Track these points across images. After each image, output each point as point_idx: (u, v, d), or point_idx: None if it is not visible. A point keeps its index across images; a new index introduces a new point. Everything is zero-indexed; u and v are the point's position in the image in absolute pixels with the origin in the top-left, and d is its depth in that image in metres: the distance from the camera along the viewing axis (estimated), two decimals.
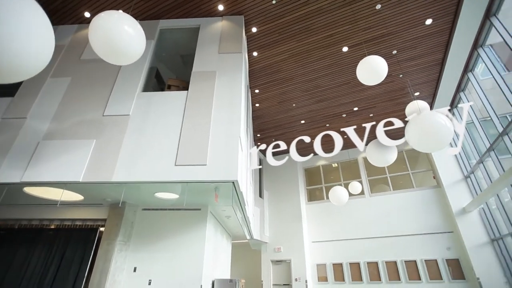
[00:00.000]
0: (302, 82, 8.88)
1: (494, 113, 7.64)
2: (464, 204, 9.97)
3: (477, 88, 8.17)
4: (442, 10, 6.67)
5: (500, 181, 7.28)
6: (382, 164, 5.95)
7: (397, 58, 7.96)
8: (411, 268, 10.24)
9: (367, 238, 11.31)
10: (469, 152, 10.02)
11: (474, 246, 9.37)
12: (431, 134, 4.06)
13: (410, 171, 11.95)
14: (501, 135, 7.32)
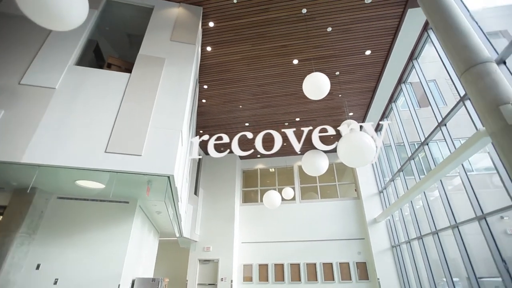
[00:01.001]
0: (251, 85, 9.04)
1: (406, 140, 9.01)
2: (376, 215, 11.48)
3: (397, 117, 9.53)
4: (379, 45, 7.60)
5: (403, 198, 8.60)
6: (315, 173, 6.44)
7: (339, 79, 8.76)
8: (327, 269, 11.30)
9: (293, 241, 12.06)
10: (384, 170, 11.58)
11: (378, 251, 10.86)
12: (357, 152, 4.59)
13: (337, 183, 13.21)
14: (409, 159, 8.68)
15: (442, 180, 7.11)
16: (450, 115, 6.43)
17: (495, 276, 5.60)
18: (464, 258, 6.29)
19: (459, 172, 6.31)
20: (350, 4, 6.44)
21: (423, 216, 8.30)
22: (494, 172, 5.69)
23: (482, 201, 5.79)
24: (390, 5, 6.48)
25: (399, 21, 6.88)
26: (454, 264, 7.46)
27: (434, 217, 7.76)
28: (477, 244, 6.61)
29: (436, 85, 10.25)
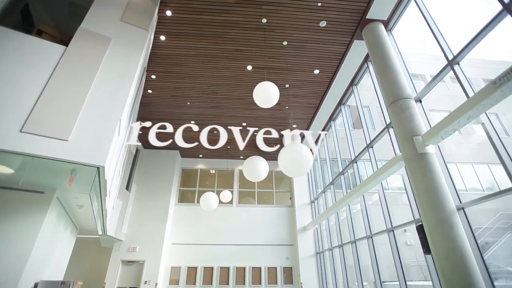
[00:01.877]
0: (202, 83, 8.87)
1: (339, 156, 9.92)
2: (305, 223, 12.28)
3: (334, 134, 10.44)
4: (327, 67, 8.26)
5: (331, 209, 9.40)
6: (254, 179, 6.60)
7: (288, 92, 9.21)
8: (256, 273, 11.58)
9: (226, 245, 12.06)
10: (318, 182, 12.50)
11: (304, 257, 11.61)
12: (296, 163, 4.87)
13: (274, 190, 13.74)
14: (340, 174, 9.57)
15: (365, 195, 8.00)
16: (377, 139, 7.33)
17: (394, 280, 6.52)
18: (373, 264, 7.15)
19: (378, 190, 7.19)
20: (307, 24, 6.88)
21: (345, 226, 9.19)
22: (403, 192, 6.67)
23: (392, 215, 6.70)
24: (341, 33, 7.13)
25: (346, 48, 7.61)
26: (366, 269, 8.43)
27: (355, 227, 8.67)
28: (384, 253, 7.60)
29: (369, 111, 11.57)
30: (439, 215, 4.30)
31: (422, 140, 4.89)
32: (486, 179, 11.27)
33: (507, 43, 4.63)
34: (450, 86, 11.37)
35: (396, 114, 5.45)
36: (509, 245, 9.08)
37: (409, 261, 10.07)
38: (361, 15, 6.64)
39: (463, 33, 4.87)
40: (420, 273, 9.84)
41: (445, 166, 5.05)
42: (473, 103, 3.95)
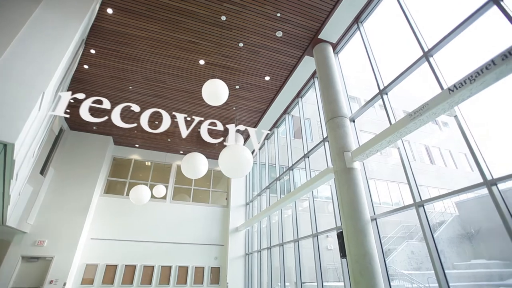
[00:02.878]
0: (148, 69, 8.30)
1: (278, 162, 10.38)
2: (238, 225, 12.44)
3: (276, 141, 10.88)
4: (277, 76, 8.59)
5: (265, 212, 9.74)
6: (193, 176, 6.44)
7: (237, 93, 9.27)
8: (182, 273, 11.22)
9: (153, 242, 11.40)
10: (255, 185, 12.83)
11: (233, 258, 11.73)
12: (237, 164, 4.93)
13: (211, 189, 13.60)
14: (276, 179, 10.01)
15: (297, 201, 8.51)
16: (314, 150, 7.90)
17: (313, 281, 7.10)
18: (297, 266, 7.64)
19: (309, 197, 7.75)
20: (265, 31, 7.05)
21: (276, 229, 9.63)
22: (330, 201, 7.34)
23: (318, 222, 7.29)
24: (294, 46, 7.52)
25: (297, 62, 8.04)
26: (290, 271, 8.96)
27: (284, 231, 9.14)
28: (307, 256, 8.21)
29: (309, 123, 12.42)
30: (357, 224, 4.85)
31: (351, 156, 5.46)
32: (395, 195, 13.15)
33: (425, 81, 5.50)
34: (378, 112, 13.01)
35: (333, 130, 5.97)
36: (405, 252, 10.75)
37: (327, 264, 11.10)
38: (314, 34, 7.12)
39: (394, 68, 5.64)
40: (335, 275, 10.92)
41: (366, 181, 5.73)
42: (393, 129, 4.59)
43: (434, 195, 4.33)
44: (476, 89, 3.56)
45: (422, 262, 10.37)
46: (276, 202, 8.90)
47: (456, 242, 11.37)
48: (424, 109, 4.10)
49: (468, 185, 3.84)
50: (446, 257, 10.58)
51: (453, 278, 8.60)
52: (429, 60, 4.67)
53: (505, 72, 3.29)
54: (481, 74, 3.40)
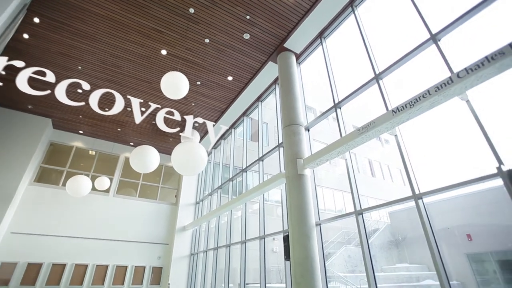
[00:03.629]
0: (104, 51, 7.65)
1: (232, 163, 10.38)
2: (186, 223, 12.10)
3: (232, 141, 10.87)
4: (240, 77, 8.62)
5: (215, 212, 9.65)
6: (142, 170, 6.10)
7: (198, 89, 9.06)
8: (119, 272, 10.47)
9: (91, 239, 10.47)
10: (207, 184, 12.63)
11: (178, 257, 11.35)
12: (191, 162, 4.81)
13: (161, 185, 13.01)
14: (229, 180, 10.00)
15: (248, 203, 8.59)
16: (268, 154, 8.08)
17: (256, 282, 7.23)
18: (242, 268, 7.69)
19: (260, 200, 7.89)
20: (232, 31, 7.03)
21: (224, 230, 9.58)
22: (279, 205, 7.59)
23: (267, 225, 7.45)
24: (260, 51, 7.62)
25: (261, 66, 8.17)
26: (234, 272, 8.98)
27: (232, 232, 9.14)
28: (253, 257, 8.33)
29: (267, 127, 12.68)
30: (303, 228, 5.08)
31: (303, 163, 5.72)
32: (339, 203, 14.11)
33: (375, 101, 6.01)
34: (331, 124, 13.82)
35: (288, 136, 6.19)
36: (343, 256, 11.58)
37: (272, 266, 11.39)
38: (280, 42, 7.32)
39: (349, 84, 6.08)
40: (278, 277, 11.27)
41: (315, 188, 6.05)
42: (343, 142, 4.94)
43: (372, 204, 4.76)
44: (413, 113, 4.02)
45: (357, 265, 11.29)
46: (227, 203, 8.87)
47: (385, 247, 12.64)
48: (370, 126, 4.49)
49: (400, 197, 4.30)
50: (377, 261, 11.70)
51: (381, 280, 9.54)
52: (378, 82, 5.15)
53: (437, 101, 3.78)
54: (419, 101, 3.86)
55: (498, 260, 8.83)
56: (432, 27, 4.51)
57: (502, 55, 3.16)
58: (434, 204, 9.54)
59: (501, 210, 8.56)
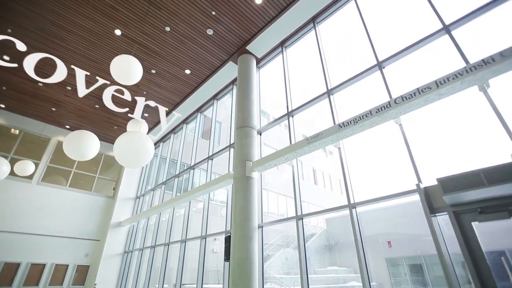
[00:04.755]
0: (44, 18, 6.72)
1: (180, 159, 10.03)
2: (123, 219, 11.25)
3: (182, 136, 10.51)
4: (199, 72, 8.39)
5: (156, 208, 9.18)
6: (77, 157, 5.50)
7: (151, 78, 8.56)
8: (35, 272, 9.20)
9: (2, 232, 9.00)
10: (151, 178, 11.96)
11: (109, 255, 10.46)
12: (136, 154, 4.50)
13: (98, 175, 11.90)
14: (175, 176, 9.63)
15: (192, 201, 8.38)
16: (219, 154, 8.02)
17: (193, 283, 7.07)
18: (179, 267, 7.44)
19: (205, 199, 7.76)
20: (196, 24, 6.81)
21: (164, 228, 9.16)
22: (224, 205, 7.57)
23: (209, 224, 7.36)
24: (221, 49, 7.54)
25: (221, 64, 8.09)
26: (171, 272, 8.63)
27: (173, 230, 8.80)
28: (192, 257, 8.14)
29: (220, 127, 12.58)
30: (245, 229, 5.15)
31: (252, 165, 5.81)
32: (282, 207, 14.67)
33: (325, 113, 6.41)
34: (282, 131, 14.33)
35: (240, 138, 6.24)
36: (281, 258, 12.04)
37: (210, 266, 11.26)
38: (243, 44, 7.36)
39: (303, 95, 6.40)
40: (216, 277, 11.19)
41: (261, 191, 6.19)
42: (292, 149, 5.16)
43: (312, 210, 5.07)
44: (357, 129, 4.41)
45: (292, 267, 11.84)
46: (171, 200, 8.53)
47: (320, 251, 13.54)
48: (318, 137, 4.79)
49: (337, 205, 4.67)
50: (311, 263, 12.46)
51: (313, 282, 10.15)
52: (329, 97, 5.53)
53: (377, 121, 4.21)
54: (362, 120, 4.26)
55: (409, 264, 10.21)
56: (379, 54, 5.02)
57: (429, 90, 3.68)
58: (364, 213, 10.58)
59: (416, 222, 9.89)
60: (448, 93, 3.66)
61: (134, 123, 6.49)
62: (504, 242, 4.58)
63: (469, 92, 3.63)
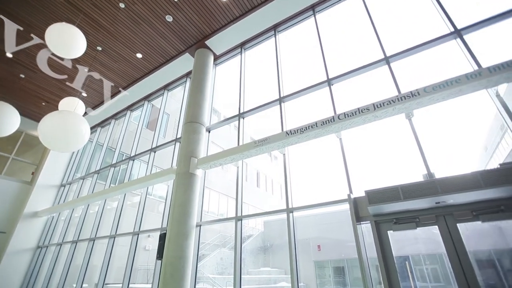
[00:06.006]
0: None
1: (119, 148, 9.26)
2: (40, 209, 9.84)
3: (125, 124, 9.72)
4: (151, 58, 7.88)
5: (84, 199, 8.27)
6: None
7: (96, 55, 7.74)
8: None
9: None
10: (81, 165, 10.75)
11: (15, 251, 9.01)
12: (66, 136, 4.01)
13: (13, 156, 10.24)
14: (111, 166, 8.85)
15: (127, 194, 7.78)
16: (163, 147, 7.64)
17: (118, 282, 6.54)
18: (104, 265, 6.82)
19: (142, 193, 7.30)
20: (155, 7, 6.39)
21: (91, 221, 8.30)
22: (163, 201, 7.23)
23: (144, 220, 6.93)
24: (179, 38, 7.22)
25: (177, 54, 7.74)
26: (93, 270, 7.83)
27: (101, 224, 8.02)
28: (120, 254, 7.54)
29: (168, 119, 12.02)
30: (182, 227, 4.99)
31: (196, 162, 5.67)
32: (222, 207, 14.63)
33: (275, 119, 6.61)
34: (231, 131, 14.36)
35: (188, 133, 6.05)
36: (216, 258, 11.98)
37: (140, 265, 10.57)
38: (203, 37, 7.18)
39: (255, 98, 6.51)
40: (145, 277, 10.55)
41: (203, 189, 6.08)
42: (239, 150, 5.21)
43: (252, 212, 5.17)
44: (302, 139, 4.67)
45: (227, 267, 11.87)
46: (104, 191, 7.80)
47: (255, 252, 13.87)
48: (265, 141, 4.93)
49: (277, 209, 4.86)
50: (246, 264, 12.66)
51: (245, 282, 10.34)
52: (281, 104, 5.74)
53: (320, 133, 4.52)
54: (307, 130, 4.53)
55: (333, 266, 11.18)
56: (330, 72, 5.42)
57: (367, 110, 4.11)
58: (300, 218, 11.25)
59: (343, 228, 10.88)
60: (382, 116, 4.13)
61: (68, 102, 5.76)
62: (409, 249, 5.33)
63: (399, 118, 4.16)
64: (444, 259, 3.34)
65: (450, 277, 3.27)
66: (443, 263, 5.07)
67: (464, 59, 4.19)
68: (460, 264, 3.09)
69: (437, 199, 3.21)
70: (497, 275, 3.32)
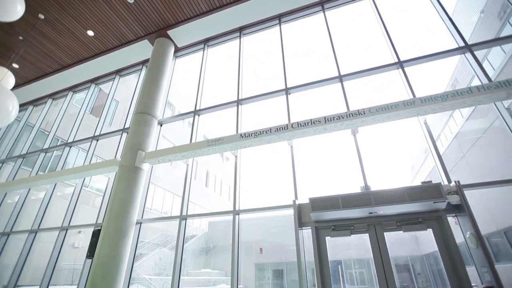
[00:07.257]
0: None
1: (55, 132, 8.26)
2: None
3: (64, 106, 8.71)
4: (104, 38, 7.23)
5: (1, 186, 7.15)
6: None
7: (37, 23, 6.82)
8: None
9: None
10: (3, 149, 9.29)
11: None
12: None
13: None
14: (42, 151, 7.84)
15: (58, 184, 6.97)
16: (107, 136, 7.05)
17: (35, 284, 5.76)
18: (19, 264, 5.96)
19: (77, 184, 6.61)
20: None
21: (8, 213, 7.20)
22: (101, 195, 6.64)
23: (77, 214, 6.27)
24: (139, 23, 6.77)
25: (134, 40, 7.24)
26: (4, 270, 6.77)
27: (21, 217, 7.02)
28: (42, 252, 6.67)
29: (116, 106, 11.13)
30: (120, 224, 4.64)
31: (144, 156, 5.36)
32: (167, 205, 14.02)
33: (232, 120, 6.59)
34: (185, 127, 13.92)
35: (137, 124, 5.69)
36: (154, 258, 11.38)
37: (66, 264, 9.46)
38: (165, 26, 6.85)
39: (214, 97, 6.43)
40: (70, 277, 9.49)
41: (148, 185, 5.76)
42: (191, 148, 5.07)
43: (198, 211, 5.06)
44: (255, 142, 4.75)
45: (165, 268, 11.36)
46: (28, 178, 6.86)
47: (197, 253, 13.56)
48: (219, 142, 4.89)
49: (223, 210, 4.83)
50: (186, 265, 12.28)
51: (184, 283, 9.99)
52: (238, 107, 5.77)
53: (273, 139, 4.65)
54: (261, 135, 4.62)
55: (273, 269, 11.53)
56: (288, 82, 5.64)
57: (319, 123, 4.37)
58: (245, 221, 11.39)
59: (286, 233, 11.31)
60: (331, 129, 4.43)
61: None
62: (342, 254, 5.77)
63: (345, 133, 4.51)
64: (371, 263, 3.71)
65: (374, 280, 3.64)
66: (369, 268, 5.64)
67: (403, 88, 4.74)
68: (383, 268, 3.46)
69: (371, 209, 3.56)
70: (410, 277, 3.80)
